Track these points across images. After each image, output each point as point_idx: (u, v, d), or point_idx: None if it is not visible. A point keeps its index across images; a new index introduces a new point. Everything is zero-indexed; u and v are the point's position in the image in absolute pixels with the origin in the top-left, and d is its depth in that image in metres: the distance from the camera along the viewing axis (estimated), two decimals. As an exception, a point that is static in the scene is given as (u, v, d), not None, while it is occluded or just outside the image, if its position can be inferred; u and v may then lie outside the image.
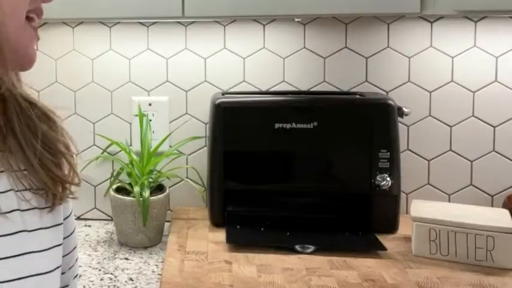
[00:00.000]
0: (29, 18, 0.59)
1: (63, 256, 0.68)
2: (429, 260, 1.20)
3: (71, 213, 0.72)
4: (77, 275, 0.76)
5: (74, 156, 0.67)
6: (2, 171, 0.62)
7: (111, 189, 1.43)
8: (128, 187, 1.42)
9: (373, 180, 1.34)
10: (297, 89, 1.52)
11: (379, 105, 1.37)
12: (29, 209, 0.63)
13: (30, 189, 0.63)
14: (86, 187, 1.56)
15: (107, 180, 1.53)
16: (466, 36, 1.45)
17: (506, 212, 1.24)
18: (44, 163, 0.63)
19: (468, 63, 1.46)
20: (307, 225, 1.35)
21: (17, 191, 0.62)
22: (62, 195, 0.65)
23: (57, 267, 0.65)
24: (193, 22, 1.52)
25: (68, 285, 0.73)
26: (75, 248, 0.73)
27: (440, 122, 1.48)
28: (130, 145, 1.54)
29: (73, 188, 0.67)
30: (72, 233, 0.72)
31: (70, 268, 0.73)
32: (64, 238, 0.68)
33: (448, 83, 1.47)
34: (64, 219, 0.69)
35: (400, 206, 1.37)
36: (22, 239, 0.61)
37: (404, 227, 1.34)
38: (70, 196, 0.67)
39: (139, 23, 1.53)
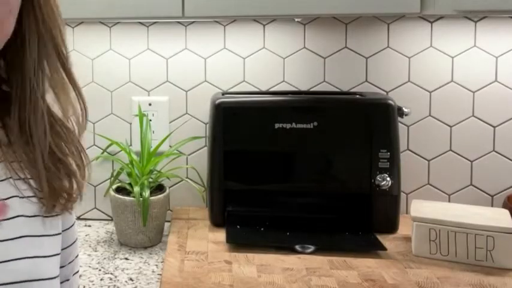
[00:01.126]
0: None
1: (62, 249, 0.69)
2: (429, 260, 1.20)
3: (73, 224, 0.74)
4: (77, 272, 0.77)
5: (85, 174, 0.69)
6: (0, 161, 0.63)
7: (111, 189, 1.43)
8: (128, 187, 1.42)
9: (373, 180, 1.34)
10: (297, 89, 1.52)
11: (379, 105, 1.37)
12: (29, 197, 0.64)
13: (24, 178, 0.65)
14: (86, 187, 1.56)
15: (107, 180, 1.53)
16: (466, 36, 1.45)
17: (506, 212, 1.24)
18: (50, 181, 0.65)
19: (468, 63, 1.46)
20: (307, 225, 1.35)
21: (15, 179, 0.64)
22: (61, 207, 0.67)
23: (55, 255, 0.66)
24: (193, 22, 1.52)
25: (67, 280, 0.74)
26: (74, 242, 0.74)
27: (440, 122, 1.48)
28: (131, 145, 1.54)
29: (73, 204, 0.69)
30: (71, 227, 0.73)
31: (69, 263, 0.74)
32: (63, 230, 0.69)
33: (448, 83, 1.47)
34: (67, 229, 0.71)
35: (400, 206, 1.37)
36: (19, 224, 0.62)
37: (404, 227, 1.34)
38: (69, 210, 0.69)
39: (140, 23, 1.53)
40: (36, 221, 0.65)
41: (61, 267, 0.69)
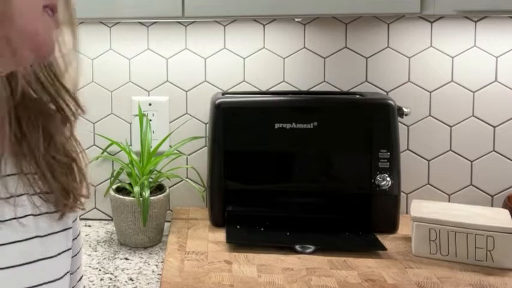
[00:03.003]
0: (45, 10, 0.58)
1: (72, 257, 0.68)
2: (429, 260, 1.20)
3: (78, 234, 0.73)
4: (81, 277, 0.76)
5: (86, 166, 0.69)
6: (14, 174, 0.62)
7: (111, 189, 1.43)
8: (127, 187, 1.42)
9: (373, 180, 1.34)
10: (297, 89, 1.52)
11: (379, 105, 1.37)
12: (41, 214, 0.63)
13: (40, 193, 0.64)
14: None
15: (107, 180, 1.53)
16: (466, 36, 1.45)
17: (506, 212, 1.24)
18: (55, 175, 0.64)
19: (468, 63, 1.46)
20: (307, 225, 1.35)
21: (30, 195, 0.62)
22: (72, 205, 0.66)
23: (66, 273, 0.65)
24: (193, 22, 1.52)
25: (74, 287, 0.73)
26: (80, 250, 0.74)
27: (440, 122, 1.48)
28: (131, 145, 1.54)
29: (82, 199, 0.68)
30: (77, 237, 0.73)
31: (78, 269, 0.74)
32: (73, 240, 0.69)
33: (448, 83, 1.47)
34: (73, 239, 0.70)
35: (400, 206, 1.37)
36: (35, 245, 0.61)
37: (404, 227, 1.34)
38: (80, 207, 0.68)
39: (140, 23, 1.53)
40: (49, 240, 0.63)
41: (70, 273, 0.69)
